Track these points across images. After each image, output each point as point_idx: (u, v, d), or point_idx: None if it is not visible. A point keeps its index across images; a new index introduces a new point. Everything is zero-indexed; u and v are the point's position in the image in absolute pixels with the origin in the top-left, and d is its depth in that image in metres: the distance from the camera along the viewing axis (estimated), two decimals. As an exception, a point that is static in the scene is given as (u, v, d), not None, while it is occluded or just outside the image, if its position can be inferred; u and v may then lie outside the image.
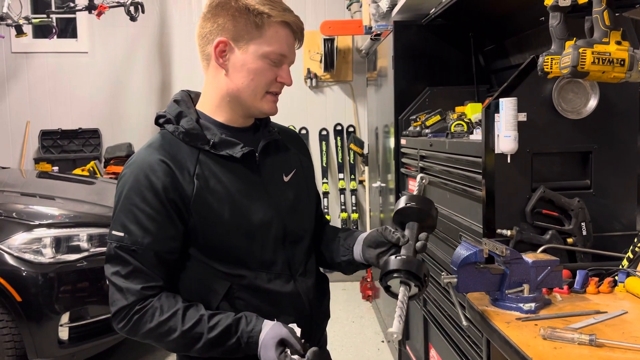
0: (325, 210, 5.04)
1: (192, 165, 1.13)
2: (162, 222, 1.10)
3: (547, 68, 1.34)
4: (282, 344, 1.07)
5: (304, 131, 5.15)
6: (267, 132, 1.26)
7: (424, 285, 1.08)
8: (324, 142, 5.12)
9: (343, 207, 5.05)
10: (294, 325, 1.12)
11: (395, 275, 1.08)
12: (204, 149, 1.15)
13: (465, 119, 2.25)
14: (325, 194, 5.06)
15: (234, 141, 1.17)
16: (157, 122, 1.22)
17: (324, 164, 5.11)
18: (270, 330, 1.08)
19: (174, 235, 1.12)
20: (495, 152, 1.64)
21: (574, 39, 1.32)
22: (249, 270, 1.16)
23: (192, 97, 1.25)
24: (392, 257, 1.10)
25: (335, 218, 5.07)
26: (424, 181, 1.23)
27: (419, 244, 1.13)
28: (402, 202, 1.17)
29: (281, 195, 1.23)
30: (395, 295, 1.09)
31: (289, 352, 1.07)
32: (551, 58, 1.34)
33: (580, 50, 1.22)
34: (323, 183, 5.08)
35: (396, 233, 1.15)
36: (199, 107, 1.22)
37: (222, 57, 1.15)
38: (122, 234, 1.10)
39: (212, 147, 1.15)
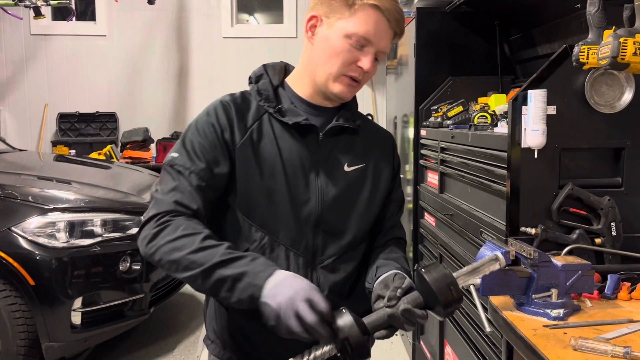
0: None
1: (252, 120, 1.16)
2: (212, 157, 1.12)
3: (584, 59, 1.26)
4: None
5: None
6: (343, 117, 1.22)
7: (348, 357, 0.91)
8: (341, 131, 5.04)
9: (359, 197, 4.98)
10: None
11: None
12: (269, 112, 1.17)
13: (488, 111, 2.17)
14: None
15: (298, 112, 1.18)
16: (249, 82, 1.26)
17: (341, 153, 5.03)
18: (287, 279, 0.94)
19: (220, 173, 1.13)
20: (522, 146, 1.57)
21: (613, 27, 1.23)
22: (273, 239, 1.14)
23: (286, 70, 1.27)
24: (344, 309, 0.95)
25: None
26: (498, 264, 1.00)
27: (390, 314, 0.96)
28: (428, 267, 0.99)
29: (331, 182, 1.18)
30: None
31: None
32: (588, 48, 1.25)
33: (622, 40, 1.14)
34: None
35: (393, 290, 1.00)
36: (287, 79, 1.24)
37: (312, 31, 1.16)
38: (175, 155, 1.14)
39: (277, 112, 1.17)
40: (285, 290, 0.93)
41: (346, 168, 1.20)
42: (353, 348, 0.91)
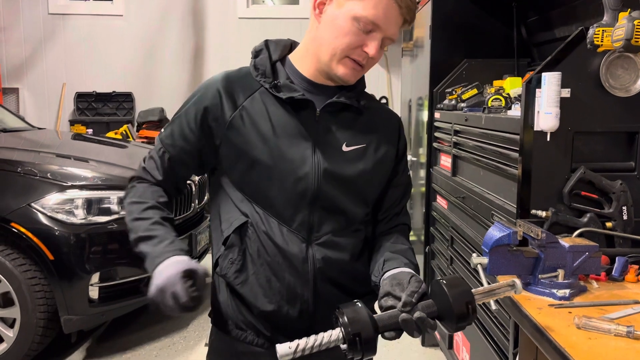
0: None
1: (244, 97, 1.16)
2: (188, 137, 1.18)
3: (598, 41, 1.26)
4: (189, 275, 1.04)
5: (335, 101, 5.07)
6: (344, 96, 1.18)
7: (354, 351, 0.92)
8: (355, 113, 5.03)
9: (372, 179, 4.99)
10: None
11: (337, 317, 0.95)
12: (265, 87, 1.16)
13: (503, 94, 2.17)
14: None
15: (294, 87, 1.16)
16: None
17: (355, 135, 5.03)
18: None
19: (192, 153, 1.20)
20: (535, 129, 1.57)
21: (629, 10, 1.23)
22: (266, 213, 1.14)
23: (292, 47, 1.25)
24: (359, 304, 0.96)
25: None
26: (514, 290, 0.98)
27: (403, 319, 0.95)
28: (449, 280, 0.97)
29: (329, 158, 1.16)
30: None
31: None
32: (602, 30, 1.25)
33: (636, 22, 1.13)
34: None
35: (409, 295, 0.98)
36: (290, 55, 1.22)
37: (320, 9, 1.14)
38: (164, 131, 1.24)
39: (273, 87, 1.15)
40: (159, 280, 1.03)
41: (344, 148, 1.17)
42: (363, 344, 0.92)
